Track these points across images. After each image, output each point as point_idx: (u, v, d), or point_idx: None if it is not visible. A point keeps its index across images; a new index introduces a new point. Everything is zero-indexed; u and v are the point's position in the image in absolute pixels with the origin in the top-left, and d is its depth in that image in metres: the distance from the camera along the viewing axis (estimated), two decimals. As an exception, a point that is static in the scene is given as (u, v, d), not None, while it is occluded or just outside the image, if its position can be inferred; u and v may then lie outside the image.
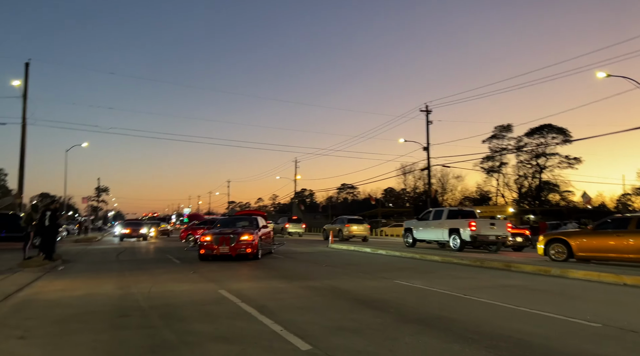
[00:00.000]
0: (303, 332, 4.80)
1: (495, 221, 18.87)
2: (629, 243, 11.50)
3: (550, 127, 58.38)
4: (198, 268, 11.74)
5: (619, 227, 12.07)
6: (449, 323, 5.31)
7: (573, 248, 12.79)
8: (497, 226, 17.77)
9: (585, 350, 4.18)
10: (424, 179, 64.99)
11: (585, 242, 12.62)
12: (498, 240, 17.60)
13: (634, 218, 12.05)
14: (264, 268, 11.80)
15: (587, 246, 12.53)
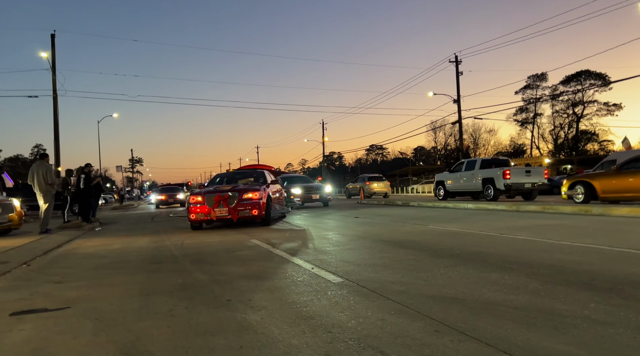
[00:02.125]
0: (334, 269, 4.71)
1: (530, 168, 18.29)
2: None
3: (588, 73, 55.65)
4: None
5: (636, 166, 11.54)
6: (486, 256, 5.11)
7: (597, 189, 12.37)
8: (533, 174, 17.28)
9: (634, 272, 3.92)
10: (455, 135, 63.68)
11: (609, 183, 12.15)
12: (534, 188, 17.16)
13: None
14: (294, 222, 11.80)
15: (611, 187, 12.08)
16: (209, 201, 10.29)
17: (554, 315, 2.83)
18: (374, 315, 3.02)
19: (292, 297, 3.61)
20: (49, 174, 10.41)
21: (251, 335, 2.72)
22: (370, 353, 2.34)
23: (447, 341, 2.46)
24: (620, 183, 11.91)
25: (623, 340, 2.37)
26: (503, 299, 3.26)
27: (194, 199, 10.39)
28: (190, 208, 10.35)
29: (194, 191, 11.34)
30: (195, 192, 10.86)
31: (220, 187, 11.15)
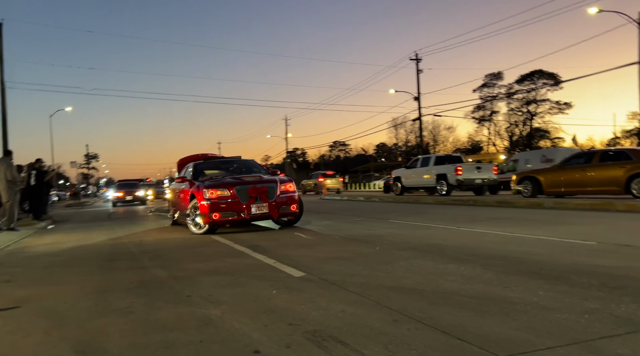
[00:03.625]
0: (296, 263, 4.73)
1: (481, 165, 19.07)
2: (592, 176, 11.76)
3: (541, 73, 57.83)
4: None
5: (584, 162, 12.29)
6: (443, 249, 5.26)
7: (542, 184, 13.04)
8: (483, 170, 18.09)
9: (580, 262, 4.14)
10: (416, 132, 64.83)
11: (553, 178, 12.83)
12: (484, 183, 17.92)
13: (598, 153, 12.38)
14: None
15: (555, 182, 12.76)
16: (242, 195, 7.99)
17: (506, 303, 2.95)
18: (335, 306, 3.06)
19: (254, 291, 3.60)
20: (9, 171, 10.01)
21: (212, 330, 2.70)
22: (330, 344, 2.37)
23: (404, 330, 2.52)
24: (562, 178, 12.60)
25: (568, 324, 2.50)
26: (459, 289, 3.37)
27: (216, 192, 7.89)
28: (210, 205, 7.78)
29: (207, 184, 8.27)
30: (211, 184, 8.18)
31: (243, 177, 8.70)
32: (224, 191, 8.04)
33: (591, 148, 31.77)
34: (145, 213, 17.29)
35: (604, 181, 11.55)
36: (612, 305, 2.79)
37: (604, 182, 11.54)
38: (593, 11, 21.26)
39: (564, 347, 2.18)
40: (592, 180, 11.83)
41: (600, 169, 11.68)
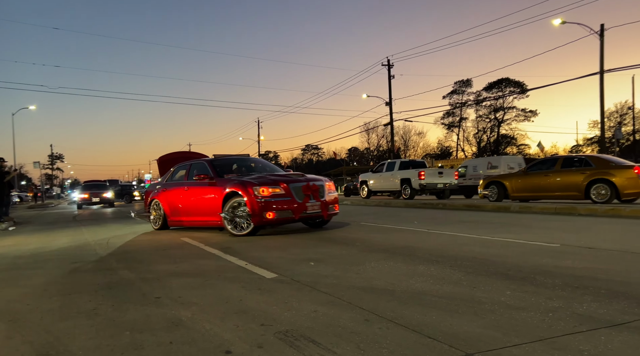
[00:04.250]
0: (268, 265, 4.71)
1: (443, 170, 19.63)
2: (555, 181, 12.27)
3: (508, 81, 59.51)
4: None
5: (547, 168, 12.79)
6: (414, 250, 5.33)
7: (508, 189, 13.49)
8: (445, 175, 18.66)
9: (544, 263, 4.27)
10: (387, 137, 65.55)
11: (518, 183, 13.27)
12: (446, 187, 18.51)
13: (560, 159, 12.95)
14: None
15: (520, 187, 13.22)
16: (297, 193, 7.53)
17: (475, 302, 3.02)
18: (307, 307, 3.06)
19: (225, 293, 3.57)
20: None
21: (182, 331, 2.66)
22: (302, 343, 2.37)
23: (376, 329, 2.55)
24: (527, 183, 13.05)
25: (533, 322, 2.58)
26: (429, 289, 3.42)
27: (268, 190, 7.28)
28: (264, 204, 7.20)
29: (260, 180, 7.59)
30: (264, 181, 7.51)
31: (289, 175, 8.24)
32: (276, 188, 7.41)
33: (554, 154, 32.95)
34: (112, 216, 16.88)
35: (565, 186, 12.03)
36: (574, 304, 2.89)
37: (566, 187, 12.02)
38: (557, 22, 22.03)
39: (529, 344, 2.25)
40: (554, 185, 12.29)
41: (562, 175, 12.16)
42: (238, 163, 9.21)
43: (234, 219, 7.56)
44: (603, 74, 22.42)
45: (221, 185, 7.87)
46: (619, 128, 29.33)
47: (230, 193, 7.60)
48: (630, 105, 42.84)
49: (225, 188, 7.72)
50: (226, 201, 7.65)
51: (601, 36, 22.27)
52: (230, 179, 7.97)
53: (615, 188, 11.10)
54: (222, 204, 7.68)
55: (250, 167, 9.16)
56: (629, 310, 2.73)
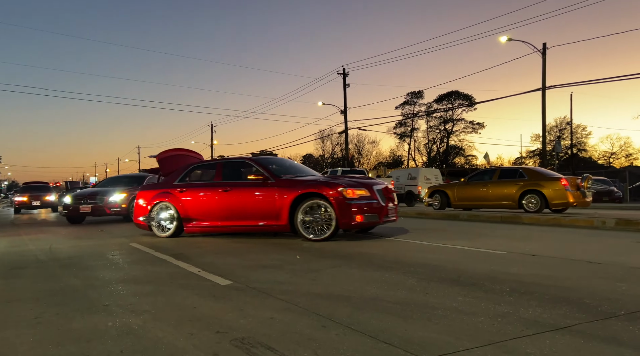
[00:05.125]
0: (222, 271, 4.63)
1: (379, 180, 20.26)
2: (493, 191, 13.01)
3: (458, 94, 61.69)
4: (107, 227, 11.02)
5: (486, 178, 13.52)
6: (369, 257, 5.40)
7: (450, 198, 14.11)
8: None
9: (493, 269, 4.44)
10: (342, 145, 66.34)
11: (460, 192, 13.92)
12: None
13: (498, 170, 13.74)
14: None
15: (461, 196, 13.87)
16: (381, 196, 7.31)
17: (428, 308, 3.09)
18: (263, 313, 3.03)
19: (178, 300, 3.47)
20: None
21: (132, 339, 2.57)
22: (259, 350, 2.34)
23: (333, 335, 2.56)
24: (467, 192, 13.70)
25: (484, 327, 2.67)
26: (384, 295, 3.48)
27: (354, 192, 6.95)
28: (356, 207, 6.87)
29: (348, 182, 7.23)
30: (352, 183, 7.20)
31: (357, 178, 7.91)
32: (362, 190, 7.08)
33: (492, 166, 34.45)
34: (56, 220, 16.06)
35: (501, 196, 12.73)
36: (521, 309, 3.02)
37: (501, 197, 12.72)
38: (504, 40, 23.13)
39: (480, 348, 2.33)
40: (491, 195, 13.00)
41: (498, 186, 12.87)
42: (277, 164, 8.44)
43: (312, 223, 7.01)
44: (545, 90, 23.72)
45: (287, 186, 7.27)
46: (559, 142, 31.08)
47: (305, 195, 7.07)
48: (569, 120, 45.54)
49: (296, 188, 7.15)
50: (298, 203, 7.09)
51: (543, 54, 23.58)
52: (299, 180, 7.43)
53: (545, 199, 11.90)
54: (290, 206, 7.10)
55: (287, 167, 8.49)
56: (570, 314, 2.88)
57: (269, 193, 7.38)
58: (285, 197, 7.16)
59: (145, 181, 13.50)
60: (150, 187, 9.03)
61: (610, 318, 2.78)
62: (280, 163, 8.61)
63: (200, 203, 8.04)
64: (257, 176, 7.54)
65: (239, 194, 7.70)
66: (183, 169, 8.68)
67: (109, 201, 12.69)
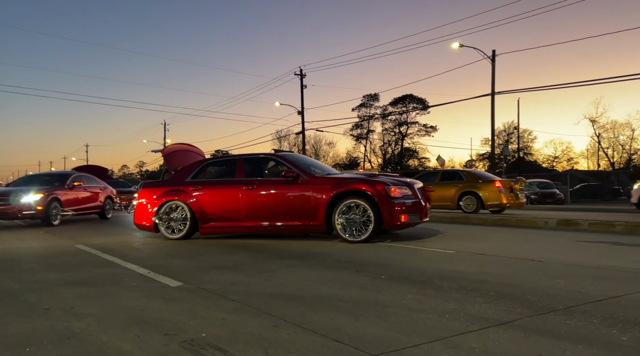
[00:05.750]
0: (173, 273, 4.52)
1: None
2: (435, 193, 13.37)
3: (412, 98, 63.11)
4: (50, 228, 10.51)
5: (429, 180, 13.98)
6: (324, 257, 5.42)
7: None
8: None
9: (442, 268, 4.57)
10: (299, 146, 66.29)
11: None
12: None
13: (439, 173, 14.38)
14: (130, 224, 10.97)
15: None
16: (421, 194, 7.09)
17: (379, 306, 3.14)
18: (214, 315, 2.98)
19: (125, 303, 3.36)
20: None
21: (75, 344, 2.46)
22: (209, 351, 2.30)
23: (284, 335, 2.55)
24: None
25: (432, 323, 2.74)
26: (337, 294, 3.50)
27: (397, 190, 6.64)
28: (399, 206, 6.55)
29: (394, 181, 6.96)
30: (399, 182, 6.97)
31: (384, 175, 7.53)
32: (404, 189, 6.77)
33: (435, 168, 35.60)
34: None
35: (442, 197, 13.19)
36: (467, 306, 3.12)
37: (442, 198, 13.19)
38: (455, 45, 23.90)
39: (428, 343, 2.39)
40: (434, 196, 13.41)
41: (439, 187, 13.31)
42: (298, 159, 7.83)
43: (349, 223, 6.61)
44: (494, 95, 24.68)
45: (323, 183, 6.86)
46: (507, 145, 32.39)
47: (344, 193, 6.68)
48: (516, 125, 47.58)
49: (335, 186, 6.72)
50: (336, 202, 6.69)
51: (493, 61, 24.53)
52: (337, 177, 7.06)
53: (481, 200, 12.47)
54: (327, 205, 6.69)
55: (308, 163, 7.86)
56: (513, 309, 3.01)
57: (302, 190, 6.93)
58: (322, 195, 6.74)
59: (69, 180, 12.51)
60: (154, 184, 8.19)
61: (549, 312, 2.92)
62: (301, 159, 8.04)
63: (220, 202, 7.39)
64: (288, 172, 7.04)
65: (267, 192, 7.17)
66: (195, 165, 8.01)
67: (21, 202, 11.02)
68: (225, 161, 8.39)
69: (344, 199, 6.62)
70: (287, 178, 7.02)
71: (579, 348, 2.27)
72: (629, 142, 57.94)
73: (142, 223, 7.95)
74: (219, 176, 8.03)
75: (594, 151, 59.26)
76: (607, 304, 3.10)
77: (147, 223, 7.83)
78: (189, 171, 7.96)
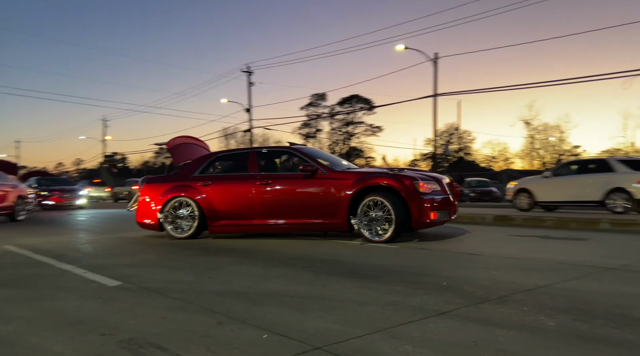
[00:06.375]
0: (112, 273, 4.33)
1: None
2: None
3: (358, 98, 64.10)
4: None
5: None
6: (271, 254, 5.40)
7: None
8: None
9: (386, 262, 4.69)
10: (246, 144, 65.55)
11: None
12: None
13: None
14: (69, 223, 10.43)
15: None
16: (450, 190, 6.60)
17: (324, 300, 3.17)
18: (155, 313, 2.89)
19: (58, 304, 3.19)
20: None
21: (4, 348, 2.30)
22: (148, 350, 2.23)
23: (228, 331, 2.52)
24: None
25: (375, 315, 2.80)
26: (283, 290, 3.50)
27: (426, 186, 6.11)
28: (429, 202, 6.04)
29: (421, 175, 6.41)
30: (426, 176, 6.43)
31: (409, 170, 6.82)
32: (432, 184, 6.24)
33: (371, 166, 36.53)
34: None
35: None
36: (409, 297, 3.22)
37: None
38: (400, 47, 24.51)
39: (371, 334, 2.44)
40: None
41: None
42: (313, 153, 7.31)
43: (373, 221, 6.14)
44: (436, 97, 25.54)
45: (345, 178, 6.39)
46: (447, 146, 33.62)
47: (367, 189, 6.20)
48: (457, 126, 49.54)
49: (358, 181, 6.24)
50: (360, 198, 6.21)
51: (435, 63, 25.37)
52: (359, 172, 6.59)
53: None
54: (350, 202, 6.24)
55: (327, 158, 7.40)
56: (452, 300, 3.13)
57: (321, 186, 6.47)
58: (344, 191, 6.29)
59: None
60: (158, 180, 7.68)
61: (485, 302, 3.07)
62: (320, 153, 7.63)
63: (231, 198, 6.93)
64: (306, 166, 6.58)
65: (283, 187, 6.72)
66: (203, 159, 7.51)
67: None
68: (236, 154, 8.09)
69: (367, 195, 6.18)
70: (305, 173, 6.55)
71: (510, 334, 2.40)
72: (559, 143, 61.79)
73: (145, 221, 7.45)
74: (229, 171, 7.62)
75: (528, 151, 62.65)
76: (536, 293, 3.30)
77: (151, 221, 7.31)
78: (196, 165, 7.45)
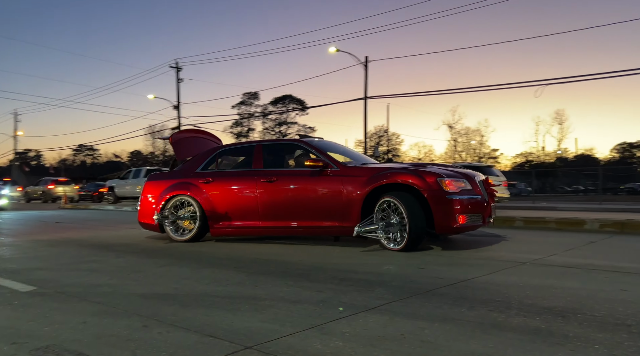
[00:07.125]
0: (24, 277, 4.02)
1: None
2: None
3: (291, 98, 64.34)
4: None
5: None
6: (199, 255, 5.28)
7: None
8: None
9: (317, 261, 4.74)
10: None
11: None
12: None
13: None
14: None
15: None
16: (483, 189, 5.62)
17: (256, 299, 3.14)
18: (74, 319, 2.72)
19: (-39, 312, 2.90)
20: None
21: None
22: (67, 358, 2.09)
23: (155, 334, 2.42)
24: None
25: (307, 312, 2.82)
26: (213, 291, 3.43)
27: (453, 184, 5.22)
28: (458, 203, 5.14)
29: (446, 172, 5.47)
30: (446, 173, 5.38)
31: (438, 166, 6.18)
32: (461, 182, 5.33)
33: None
34: None
35: None
36: (340, 294, 3.27)
37: None
38: (332, 50, 24.90)
39: (303, 331, 2.45)
40: None
41: None
42: (325, 146, 6.54)
43: (389, 225, 5.35)
44: (367, 99, 26.20)
45: (358, 175, 5.66)
46: (377, 147, 34.60)
47: (384, 187, 5.44)
48: (386, 128, 51.10)
49: (373, 179, 5.48)
50: (373, 198, 5.50)
51: (366, 66, 26.03)
52: (374, 167, 5.84)
53: None
54: (363, 202, 5.51)
55: (339, 152, 6.68)
56: (381, 296, 3.22)
57: (331, 184, 5.77)
58: (357, 190, 5.57)
59: None
60: (161, 176, 7.10)
61: (411, 297, 3.19)
62: (332, 146, 6.74)
63: (233, 197, 6.37)
64: (314, 162, 5.85)
65: (289, 185, 6.09)
66: (207, 154, 6.93)
67: None
68: (241, 148, 7.59)
69: (384, 194, 5.44)
70: (314, 169, 5.89)
71: (434, 326, 2.52)
72: (479, 146, 65.64)
73: (146, 222, 6.88)
74: (234, 166, 7.13)
75: (451, 153, 65.98)
76: (459, 287, 3.48)
77: (152, 222, 6.71)
78: (199, 161, 6.90)
